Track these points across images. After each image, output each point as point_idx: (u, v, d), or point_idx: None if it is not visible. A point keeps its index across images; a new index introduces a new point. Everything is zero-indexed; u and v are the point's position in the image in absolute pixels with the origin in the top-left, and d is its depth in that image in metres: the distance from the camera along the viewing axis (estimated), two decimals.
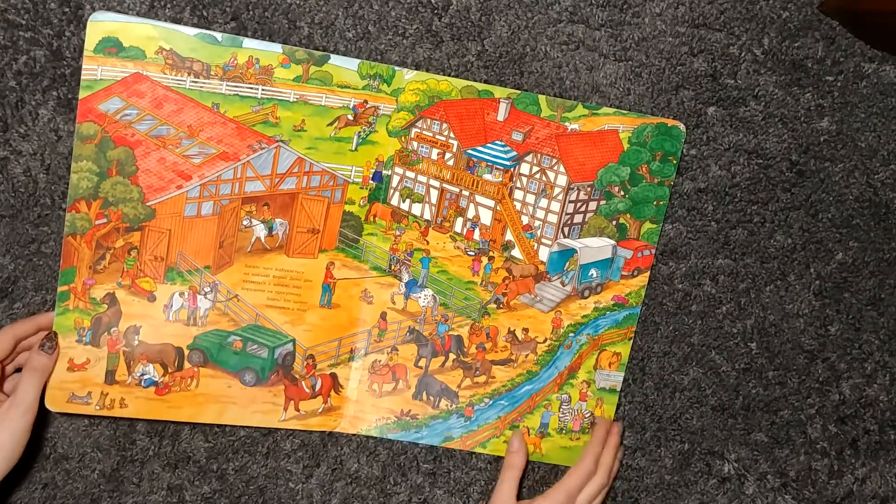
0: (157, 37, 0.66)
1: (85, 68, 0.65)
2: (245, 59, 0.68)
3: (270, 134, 0.70)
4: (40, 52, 0.70)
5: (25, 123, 0.71)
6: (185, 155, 0.70)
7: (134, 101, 0.67)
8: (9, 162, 0.71)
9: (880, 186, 0.79)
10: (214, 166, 0.70)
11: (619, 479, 0.83)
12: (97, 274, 0.70)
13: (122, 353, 0.72)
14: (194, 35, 0.67)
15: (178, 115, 0.68)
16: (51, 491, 0.78)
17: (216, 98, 0.68)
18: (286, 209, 0.74)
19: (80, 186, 0.68)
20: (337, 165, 0.73)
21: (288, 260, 0.74)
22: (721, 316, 0.81)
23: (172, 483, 0.79)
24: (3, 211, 0.72)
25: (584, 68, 0.75)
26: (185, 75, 0.67)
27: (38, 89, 0.70)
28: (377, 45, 0.73)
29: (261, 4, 0.71)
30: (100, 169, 0.68)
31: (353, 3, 0.72)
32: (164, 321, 0.72)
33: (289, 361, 0.75)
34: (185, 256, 0.72)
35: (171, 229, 0.71)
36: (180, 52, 0.67)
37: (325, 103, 0.70)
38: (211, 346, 0.74)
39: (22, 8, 0.69)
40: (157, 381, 0.73)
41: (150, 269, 0.71)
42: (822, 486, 0.84)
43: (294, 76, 0.69)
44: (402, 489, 0.81)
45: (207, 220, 0.72)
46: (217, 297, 0.73)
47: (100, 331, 0.71)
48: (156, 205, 0.70)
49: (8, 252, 0.73)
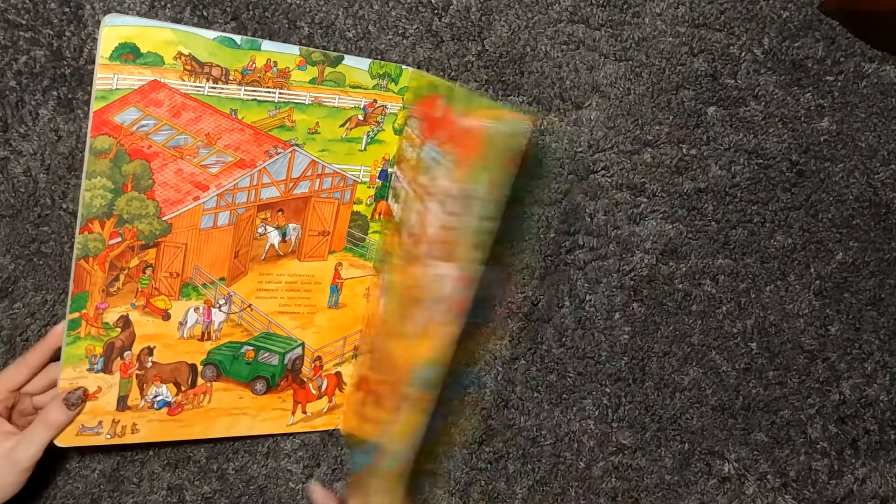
0: (175, 41, 0.63)
1: (99, 78, 0.61)
2: (263, 63, 0.66)
3: (286, 138, 0.69)
4: (40, 52, 0.70)
5: (25, 123, 0.71)
6: (202, 165, 0.68)
7: (151, 111, 0.64)
8: (9, 162, 0.71)
9: (880, 186, 0.79)
10: (231, 175, 0.69)
11: (619, 479, 0.83)
12: (110, 297, 0.67)
13: (135, 377, 0.70)
14: (213, 38, 0.64)
15: (196, 124, 0.66)
16: (50, 490, 0.78)
17: (234, 104, 0.66)
18: (299, 213, 0.73)
19: (94, 205, 0.64)
20: (347, 166, 0.72)
21: (300, 264, 0.74)
22: (721, 316, 0.81)
23: (172, 483, 0.79)
24: (4, 211, 0.72)
25: (584, 68, 0.75)
26: (203, 81, 0.65)
27: (39, 89, 0.70)
28: (377, 45, 0.73)
29: (261, 4, 0.71)
30: (114, 185, 0.64)
31: (353, 3, 0.72)
32: (177, 339, 0.70)
33: (298, 365, 0.75)
34: (200, 270, 0.70)
35: (187, 243, 0.69)
36: (199, 56, 0.64)
37: (338, 104, 0.69)
38: (224, 360, 0.72)
39: (22, 8, 0.69)
40: (169, 402, 0.71)
41: (164, 286, 0.69)
42: (823, 486, 0.84)
43: (310, 78, 0.68)
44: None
45: (223, 231, 0.70)
46: (231, 308, 0.72)
47: (112, 356, 0.68)
48: (172, 219, 0.67)
49: (8, 252, 0.73)
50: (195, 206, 0.68)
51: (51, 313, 0.75)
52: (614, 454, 0.83)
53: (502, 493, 0.83)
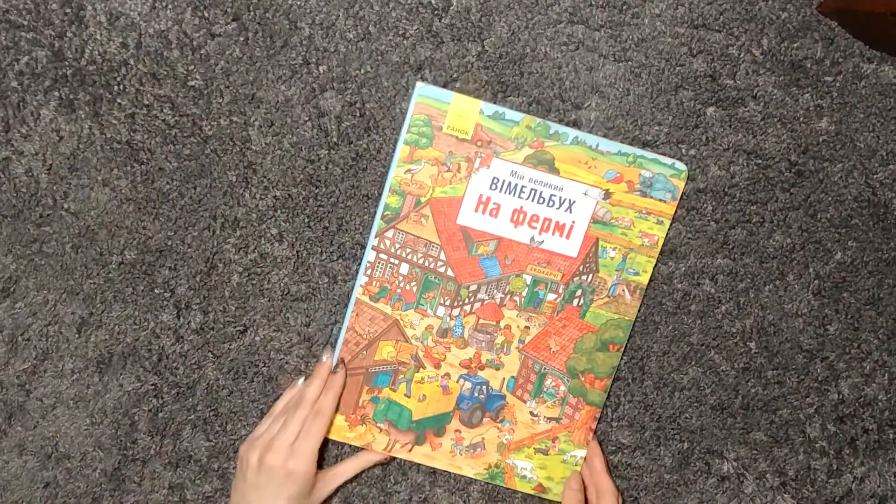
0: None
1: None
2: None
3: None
4: (42, 53, 0.70)
5: (27, 124, 0.71)
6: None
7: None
8: (10, 162, 0.71)
9: (879, 186, 0.80)
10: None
11: (618, 479, 0.83)
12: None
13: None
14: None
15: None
16: (52, 490, 0.78)
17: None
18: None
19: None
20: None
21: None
22: (720, 315, 0.81)
23: (174, 482, 0.79)
24: (5, 211, 0.72)
25: (584, 69, 0.75)
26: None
27: (40, 90, 0.70)
28: (377, 46, 0.73)
29: (262, 5, 0.71)
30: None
31: (353, 3, 0.72)
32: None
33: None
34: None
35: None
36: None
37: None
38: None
39: (23, 8, 0.69)
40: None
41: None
42: (821, 486, 0.85)
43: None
44: (402, 488, 0.81)
45: None
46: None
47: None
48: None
49: (10, 252, 0.73)
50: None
51: (52, 313, 0.75)
52: (613, 453, 0.83)
53: (502, 492, 0.83)
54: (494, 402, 0.77)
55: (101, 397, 0.77)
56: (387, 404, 0.75)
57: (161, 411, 0.78)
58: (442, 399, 0.76)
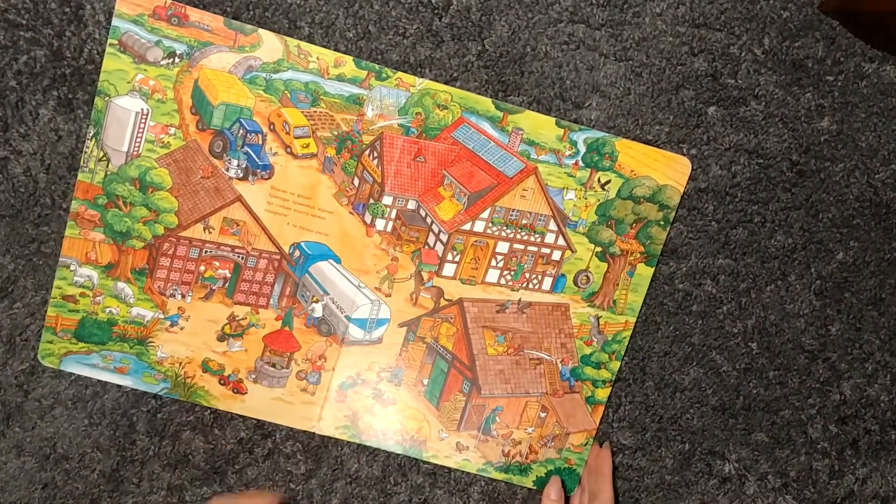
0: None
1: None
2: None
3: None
4: (41, 52, 0.70)
5: (26, 123, 0.71)
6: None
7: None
8: (9, 162, 0.71)
9: (881, 186, 0.79)
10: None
11: (619, 480, 0.83)
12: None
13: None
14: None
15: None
16: (51, 491, 0.78)
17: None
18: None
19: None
20: None
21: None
22: (722, 316, 0.81)
23: (172, 483, 0.79)
24: (4, 210, 0.72)
25: (585, 68, 0.75)
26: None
27: (39, 89, 0.70)
28: (377, 45, 0.73)
29: (261, 4, 0.71)
30: None
31: (353, 2, 0.72)
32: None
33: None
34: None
35: None
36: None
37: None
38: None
39: (22, 8, 0.69)
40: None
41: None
42: (823, 487, 0.84)
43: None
44: (402, 489, 0.81)
45: None
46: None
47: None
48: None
49: (8, 252, 0.73)
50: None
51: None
52: (615, 454, 0.83)
53: (502, 493, 0.83)
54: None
55: (100, 398, 0.77)
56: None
57: (160, 412, 0.78)
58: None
